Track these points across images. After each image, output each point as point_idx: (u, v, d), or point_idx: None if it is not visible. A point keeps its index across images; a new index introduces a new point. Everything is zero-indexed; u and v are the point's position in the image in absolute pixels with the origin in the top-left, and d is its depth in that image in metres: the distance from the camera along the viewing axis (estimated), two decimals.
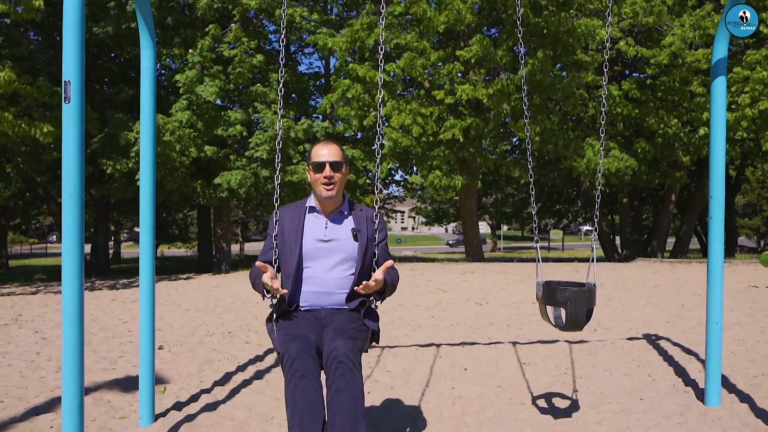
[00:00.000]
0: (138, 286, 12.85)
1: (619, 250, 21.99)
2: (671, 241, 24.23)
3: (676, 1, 15.57)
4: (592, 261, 3.40)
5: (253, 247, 53.50)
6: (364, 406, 2.42)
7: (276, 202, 2.81)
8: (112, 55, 17.51)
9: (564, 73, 16.11)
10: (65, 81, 2.69)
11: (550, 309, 3.35)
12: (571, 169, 16.78)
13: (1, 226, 28.55)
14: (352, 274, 2.75)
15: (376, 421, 3.71)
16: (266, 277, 2.57)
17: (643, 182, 18.14)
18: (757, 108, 14.28)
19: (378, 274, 2.62)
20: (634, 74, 19.44)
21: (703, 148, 15.85)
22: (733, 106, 15.10)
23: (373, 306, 2.82)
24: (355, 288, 2.62)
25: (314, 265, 2.75)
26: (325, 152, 2.74)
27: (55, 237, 67.14)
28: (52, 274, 19.85)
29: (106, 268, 18.05)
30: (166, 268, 19.94)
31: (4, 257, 28.75)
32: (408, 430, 3.58)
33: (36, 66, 14.24)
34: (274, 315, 2.73)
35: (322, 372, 2.50)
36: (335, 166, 2.73)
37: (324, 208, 2.83)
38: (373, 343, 2.87)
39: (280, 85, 3.14)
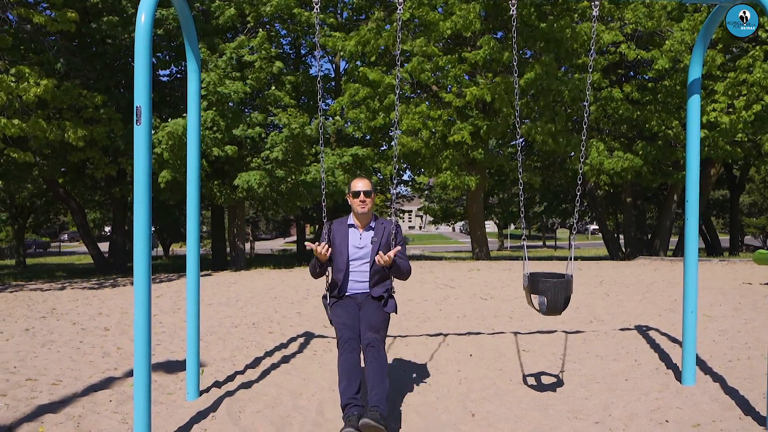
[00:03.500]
0: (159, 282, 13.36)
1: (623, 249, 22.44)
2: (675, 240, 24.64)
3: (674, 6, 16.02)
4: (570, 259, 3.95)
5: (263, 246, 54.12)
6: (387, 370, 3.60)
7: (324, 218, 4.08)
8: (130, 59, 18.12)
9: (570, 75, 16.58)
10: (137, 106, 3.24)
11: (535, 297, 3.92)
12: (576, 170, 17.23)
13: (20, 225, 29.29)
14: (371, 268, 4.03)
15: (391, 397, 4.25)
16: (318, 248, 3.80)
17: (646, 182, 18.58)
18: (752, 111, 14.72)
19: (391, 253, 3.78)
20: (637, 77, 19.88)
21: (702, 150, 16.30)
22: (731, 110, 15.55)
23: (392, 293, 4.04)
24: (376, 258, 3.79)
25: (354, 263, 4.03)
26: (360, 185, 4.02)
27: (66, 236, 67.98)
28: (71, 272, 20.52)
29: (124, 266, 18.65)
30: (181, 266, 20.55)
31: (22, 256, 29.52)
32: (420, 404, 4.11)
33: (63, 71, 14.84)
34: (328, 298, 4.03)
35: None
36: (367, 193, 4.01)
37: (359, 223, 4.08)
38: (393, 314, 4.26)
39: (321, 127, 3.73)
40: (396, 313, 4.07)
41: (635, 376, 4.62)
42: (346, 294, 4.02)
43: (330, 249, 3.87)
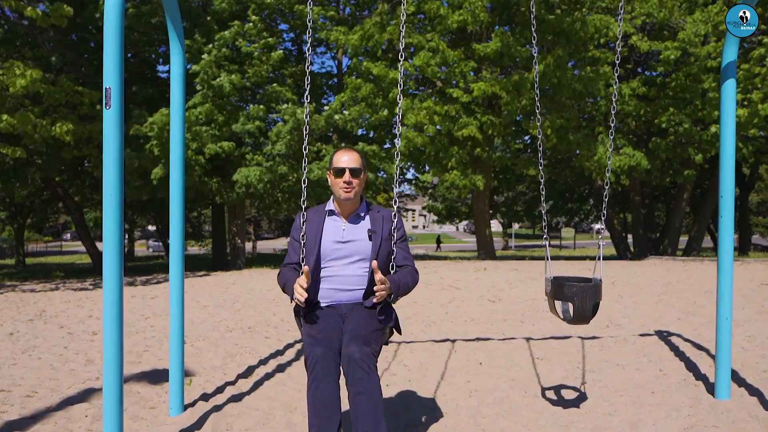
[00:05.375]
0: (156, 283, 12.98)
1: (631, 249, 22.01)
2: (684, 239, 24.19)
3: None
4: (599, 258, 3.54)
5: (265, 245, 53.81)
6: (382, 405, 2.58)
7: (303, 204, 3.05)
8: (129, 54, 17.74)
9: (576, 72, 16.15)
10: (106, 87, 2.86)
11: (558, 303, 3.49)
12: (584, 168, 16.83)
13: (19, 224, 28.99)
14: (367, 271, 2.90)
15: (395, 412, 3.86)
16: (298, 284, 2.74)
17: (655, 180, 18.15)
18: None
19: (382, 278, 2.75)
20: (645, 72, 19.44)
21: (715, 146, 15.87)
22: (745, 103, 15.11)
23: (390, 301, 2.91)
24: (375, 289, 2.75)
25: (333, 264, 2.92)
26: (345, 158, 2.91)
27: (69, 235, 67.84)
28: (70, 272, 20.18)
29: (123, 265, 18.32)
30: None
31: (21, 255, 29.22)
32: (426, 421, 3.72)
33: (58, 66, 14.49)
34: (300, 311, 2.92)
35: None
36: (354, 172, 2.90)
37: (342, 211, 2.99)
38: (395, 333, 3.10)
39: (307, 82, 3.30)
40: (400, 332, 3.06)
41: (662, 389, 4.22)
42: (322, 305, 2.93)
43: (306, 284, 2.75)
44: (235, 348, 5.73)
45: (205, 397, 4.19)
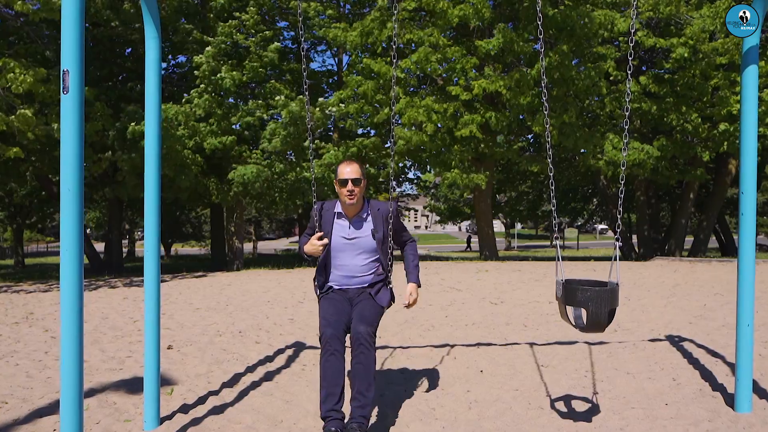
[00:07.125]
0: None
1: (636, 249, 21.68)
2: (689, 240, 23.85)
3: None
4: (615, 259, 3.24)
5: (265, 246, 53.58)
6: (375, 371, 3.28)
7: (313, 185, 3.57)
8: (127, 52, 17.49)
9: (582, 68, 15.83)
10: (64, 70, 2.57)
11: (570, 309, 3.19)
12: (589, 167, 16.48)
13: (18, 224, 28.76)
14: (373, 262, 3.63)
15: (389, 424, 3.57)
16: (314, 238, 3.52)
17: (663, 179, 17.82)
18: None
19: (411, 295, 3.60)
20: (652, 69, 19.12)
21: (722, 144, 15.52)
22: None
23: (387, 286, 3.67)
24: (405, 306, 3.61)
25: (342, 256, 3.60)
26: (348, 170, 3.50)
27: None
28: None
29: (119, 266, 18.06)
30: (179, 267, 19.95)
31: (20, 255, 28.99)
32: None
33: (53, 63, 14.25)
34: (318, 291, 3.69)
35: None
36: (355, 181, 3.49)
37: (347, 213, 3.60)
38: (392, 305, 3.82)
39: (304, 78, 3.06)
40: (393, 302, 3.69)
41: (677, 400, 3.92)
42: (335, 288, 3.63)
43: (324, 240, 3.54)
44: (222, 354, 5.44)
45: (184, 408, 3.91)
